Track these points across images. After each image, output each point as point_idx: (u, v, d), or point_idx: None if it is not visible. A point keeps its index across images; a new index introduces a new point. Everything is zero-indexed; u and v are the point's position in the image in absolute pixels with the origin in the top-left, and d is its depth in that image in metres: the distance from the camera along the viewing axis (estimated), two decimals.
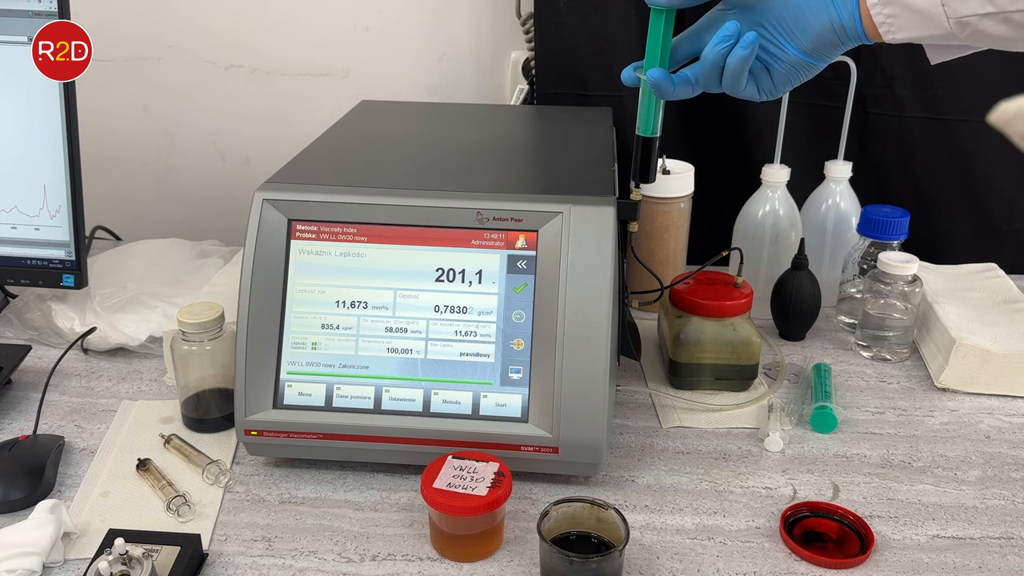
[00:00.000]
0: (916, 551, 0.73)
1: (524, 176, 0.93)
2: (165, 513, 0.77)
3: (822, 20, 0.67)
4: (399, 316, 0.80)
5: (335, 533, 0.75)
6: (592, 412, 0.77)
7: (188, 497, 0.78)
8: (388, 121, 1.11)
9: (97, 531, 0.73)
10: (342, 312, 0.80)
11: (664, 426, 0.91)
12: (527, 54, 1.34)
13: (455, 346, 0.79)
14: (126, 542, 0.66)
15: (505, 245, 0.80)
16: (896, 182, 1.24)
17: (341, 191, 0.82)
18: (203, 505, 0.78)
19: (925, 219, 1.20)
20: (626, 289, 0.93)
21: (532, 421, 0.78)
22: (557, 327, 0.77)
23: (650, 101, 0.77)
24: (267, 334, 0.80)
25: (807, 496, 0.80)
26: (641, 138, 0.80)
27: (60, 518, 0.72)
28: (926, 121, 1.20)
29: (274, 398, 0.80)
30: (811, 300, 1.06)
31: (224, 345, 0.87)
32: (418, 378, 0.79)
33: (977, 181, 1.22)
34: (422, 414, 0.79)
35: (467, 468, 0.74)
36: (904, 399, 0.96)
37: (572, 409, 0.77)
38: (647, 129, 0.79)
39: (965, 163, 1.21)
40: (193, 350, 0.86)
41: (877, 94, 1.20)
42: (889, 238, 1.06)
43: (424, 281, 0.80)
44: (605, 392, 0.77)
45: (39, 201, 1.02)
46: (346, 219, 0.81)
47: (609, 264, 0.78)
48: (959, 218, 1.24)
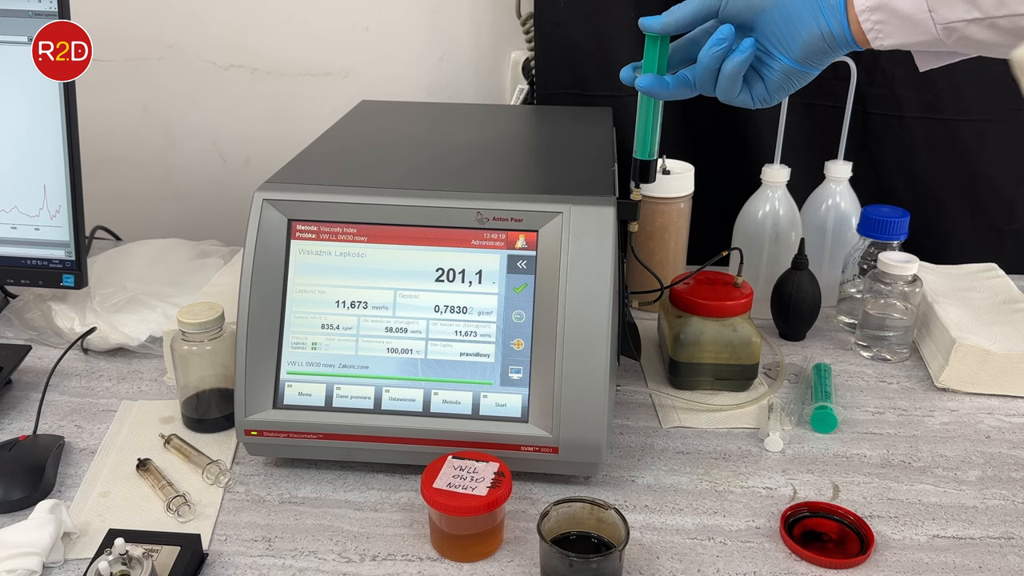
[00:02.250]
0: (916, 551, 0.73)
1: (524, 176, 0.93)
2: (165, 513, 0.77)
3: (811, 28, 0.67)
4: (399, 316, 0.80)
5: (335, 533, 0.75)
6: (592, 412, 0.77)
7: (188, 497, 0.78)
8: (388, 121, 1.11)
9: (97, 531, 0.73)
10: (342, 312, 0.80)
11: (664, 426, 0.91)
12: (527, 54, 1.34)
13: (455, 346, 0.79)
14: (126, 542, 0.66)
15: (505, 245, 0.80)
16: (896, 182, 1.24)
17: (341, 191, 0.82)
18: (203, 505, 0.78)
19: (925, 219, 1.20)
20: (626, 289, 0.93)
21: (532, 421, 0.78)
22: (557, 327, 0.77)
23: (647, 124, 0.79)
24: (267, 334, 0.80)
25: (807, 496, 0.80)
26: (639, 161, 0.82)
27: (60, 518, 0.72)
28: (926, 121, 1.20)
29: (274, 398, 0.80)
30: (811, 300, 1.06)
31: (224, 345, 0.87)
32: (418, 378, 0.79)
33: (977, 181, 1.22)
34: (422, 414, 0.79)
35: (467, 468, 0.74)
36: (904, 399, 0.96)
37: (572, 409, 0.77)
38: (644, 152, 0.82)
39: (965, 163, 1.21)
40: (193, 350, 0.86)
41: (877, 94, 1.20)
42: (889, 238, 1.06)
43: (424, 281, 0.80)
44: (605, 392, 0.77)
45: (39, 201, 1.02)
46: (346, 219, 0.81)
47: (609, 264, 0.78)
48: (959, 218, 1.24)
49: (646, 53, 0.74)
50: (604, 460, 0.79)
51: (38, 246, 1.03)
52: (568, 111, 1.19)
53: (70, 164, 1.01)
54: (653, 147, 0.80)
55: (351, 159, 0.95)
